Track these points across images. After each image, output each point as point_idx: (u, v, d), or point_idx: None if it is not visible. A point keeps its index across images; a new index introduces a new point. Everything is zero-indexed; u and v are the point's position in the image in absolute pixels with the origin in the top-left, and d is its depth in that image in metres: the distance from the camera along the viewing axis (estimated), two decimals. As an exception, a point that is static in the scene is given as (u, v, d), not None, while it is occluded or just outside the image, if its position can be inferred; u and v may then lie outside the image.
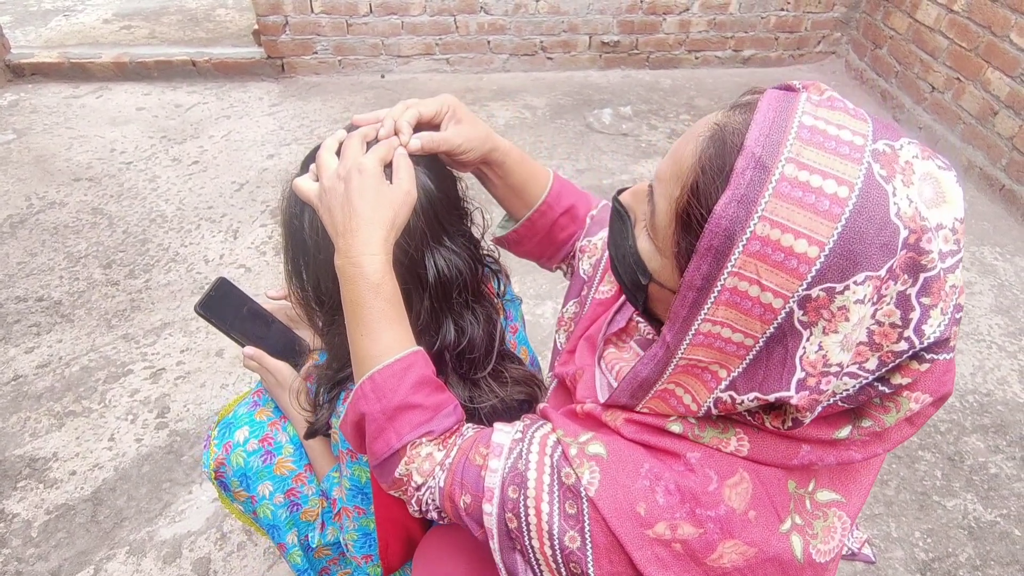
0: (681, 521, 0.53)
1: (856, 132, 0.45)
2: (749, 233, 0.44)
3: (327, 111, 3.15)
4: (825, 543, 0.54)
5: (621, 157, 2.89)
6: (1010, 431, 1.74)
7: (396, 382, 0.66)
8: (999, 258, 2.38)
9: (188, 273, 2.18)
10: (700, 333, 0.49)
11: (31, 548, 1.43)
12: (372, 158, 0.68)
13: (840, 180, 0.43)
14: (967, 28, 2.77)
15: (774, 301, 0.45)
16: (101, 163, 2.73)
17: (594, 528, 0.56)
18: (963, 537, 1.50)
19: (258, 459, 0.93)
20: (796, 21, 3.56)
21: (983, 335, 2.04)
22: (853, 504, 0.56)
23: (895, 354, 0.46)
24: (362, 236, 0.66)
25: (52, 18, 4.05)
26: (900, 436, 0.53)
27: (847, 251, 0.42)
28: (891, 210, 0.43)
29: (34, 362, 1.85)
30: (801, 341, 0.45)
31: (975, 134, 2.77)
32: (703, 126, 0.50)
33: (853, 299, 0.43)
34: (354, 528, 0.86)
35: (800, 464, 0.53)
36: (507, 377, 0.83)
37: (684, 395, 0.54)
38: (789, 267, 0.43)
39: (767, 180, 0.43)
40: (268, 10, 3.21)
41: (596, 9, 3.41)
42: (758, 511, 0.53)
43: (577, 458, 0.58)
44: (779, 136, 0.44)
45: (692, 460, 0.55)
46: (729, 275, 0.45)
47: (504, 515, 0.61)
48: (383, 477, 0.70)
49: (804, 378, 0.46)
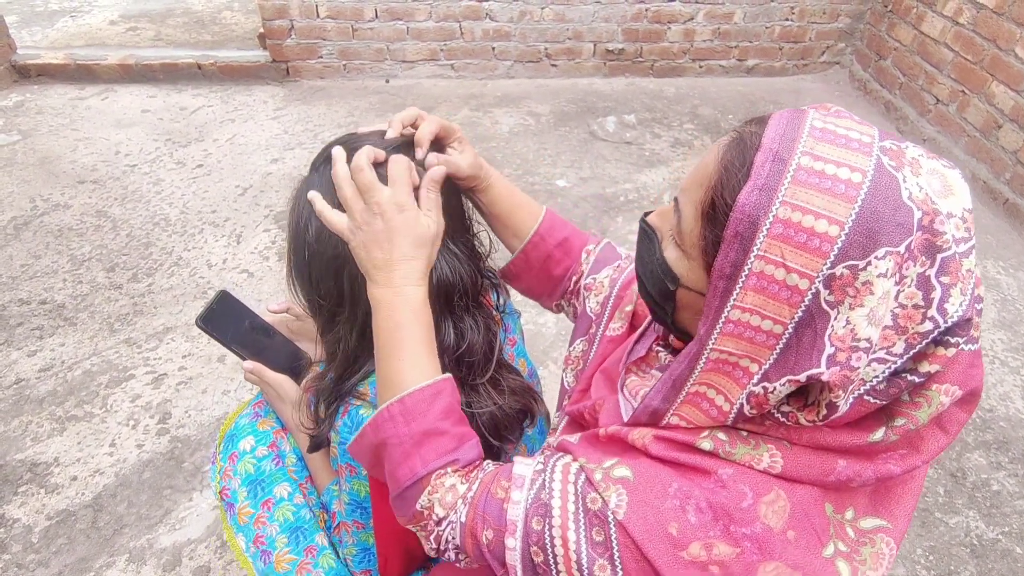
0: (716, 540, 0.51)
1: (863, 133, 0.48)
2: (772, 217, 0.46)
3: (332, 115, 3.16)
4: (874, 570, 0.53)
5: (625, 166, 2.89)
6: (1012, 448, 1.74)
7: (426, 406, 0.66)
8: (1002, 272, 2.38)
9: (191, 277, 2.18)
10: (730, 321, 0.50)
11: (31, 554, 1.43)
12: (404, 193, 0.68)
13: (853, 168, 0.46)
14: (972, 41, 2.78)
15: (800, 282, 0.46)
16: (106, 165, 2.74)
17: (623, 554, 0.54)
18: (965, 555, 1.49)
19: (270, 463, 0.93)
20: (800, 31, 3.57)
21: (986, 350, 2.04)
22: (899, 528, 0.55)
23: (921, 335, 0.47)
24: (404, 270, 0.68)
25: (58, 19, 4.06)
26: (936, 446, 0.52)
27: (866, 229, 0.45)
28: (903, 194, 0.45)
29: (36, 366, 1.86)
30: (830, 320, 0.47)
31: (979, 147, 2.77)
32: (721, 142, 0.54)
33: (876, 273, 0.45)
34: (353, 543, 0.86)
35: (837, 481, 0.52)
36: (504, 386, 0.83)
37: (716, 396, 0.54)
38: (812, 247, 0.46)
39: (785, 170, 0.47)
40: (274, 14, 3.22)
41: (601, 17, 3.42)
42: (797, 532, 0.51)
43: (603, 482, 0.57)
44: (794, 134, 0.48)
45: (724, 476, 0.53)
46: (756, 259, 0.47)
47: (529, 549, 0.59)
48: (403, 509, 0.68)
49: (834, 353, 0.47)
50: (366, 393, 0.77)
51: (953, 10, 2.87)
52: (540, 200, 2.63)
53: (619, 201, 2.66)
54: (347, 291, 0.75)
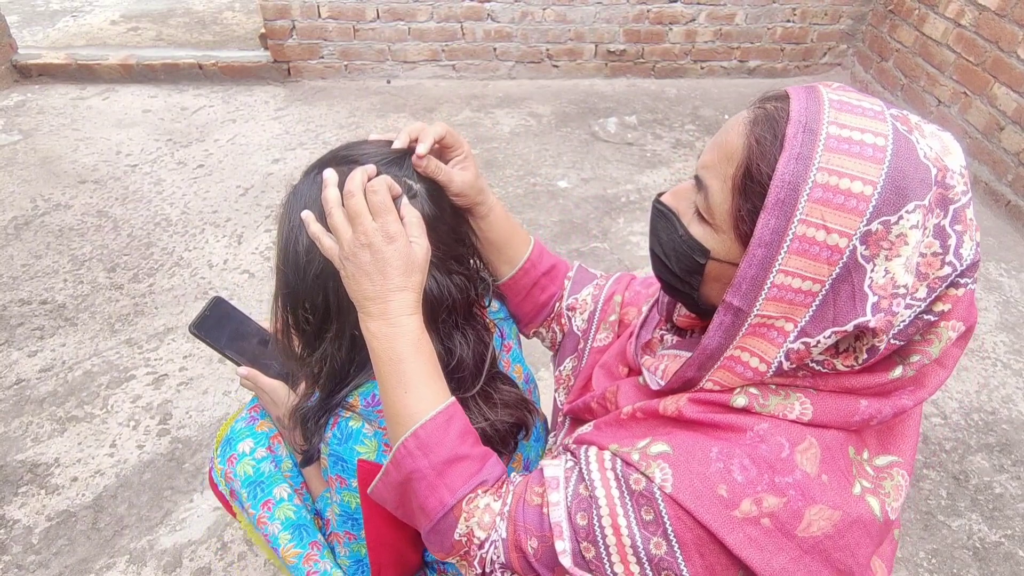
0: (764, 493, 0.54)
1: (873, 104, 0.53)
2: (811, 182, 0.50)
3: (333, 116, 3.16)
4: (896, 500, 0.58)
5: (626, 167, 2.89)
6: (1015, 450, 1.73)
7: (441, 434, 0.65)
8: (1004, 274, 2.38)
9: (192, 278, 2.18)
10: (775, 286, 0.52)
11: (32, 555, 1.43)
12: (393, 222, 0.66)
13: (876, 133, 0.50)
14: (974, 43, 2.77)
15: (840, 241, 0.50)
16: (107, 165, 2.73)
17: (677, 526, 0.55)
18: (968, 558, 1.49)
19: (269, 464, 0.92)
20: (802, 32, 3.57)
21: (988, 352, 2.04)
22: (908, 461, 0.60)
23: (941, 279, 0.51)
24: (398, 300, 0.66)
25: (59, 19, 4.06)
26: (937, 381, 0.57)
27: (895, 186, 0.49)
28: (919, 153, 0.50)
29: (37, 366, 1.85)
30: (866, 273, 0.50)
31: (981, 149, 2.77)
32: (741, 118, 0.57)
33: (908, 225, 0.49)
34: (346, 555, 0.85)
35: (860, 420, 0.56)
36: (497, 399, 0.81)
37: (751, 359, 0.56)
38: (849, 207, 0.49)
39: (816, 140, 0.50)
40: (275, 14, 3.22)
41: (602, 18, 3.41)
42: (829, 475, 0.55)
43: (642, 461, 0.58)
44: (816, 108, 0.52)
45: (761, 431, 0.56)
46: (799, 223, 0.50)
47: (579, 547, 0.59)
48: (440, 544, 0.66)
49: (878, 301, 0.50)
50: (355, 404, 0.76)
51: (955, 12, 2.87)
52: (541, 201, 2.63)
53: (620, 202, 2.66)
54: (334, 304, 0.73)
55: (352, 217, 0.66)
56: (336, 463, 0.76)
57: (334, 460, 0.76)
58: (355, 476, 0.75)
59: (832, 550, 0.54)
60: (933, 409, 1.84)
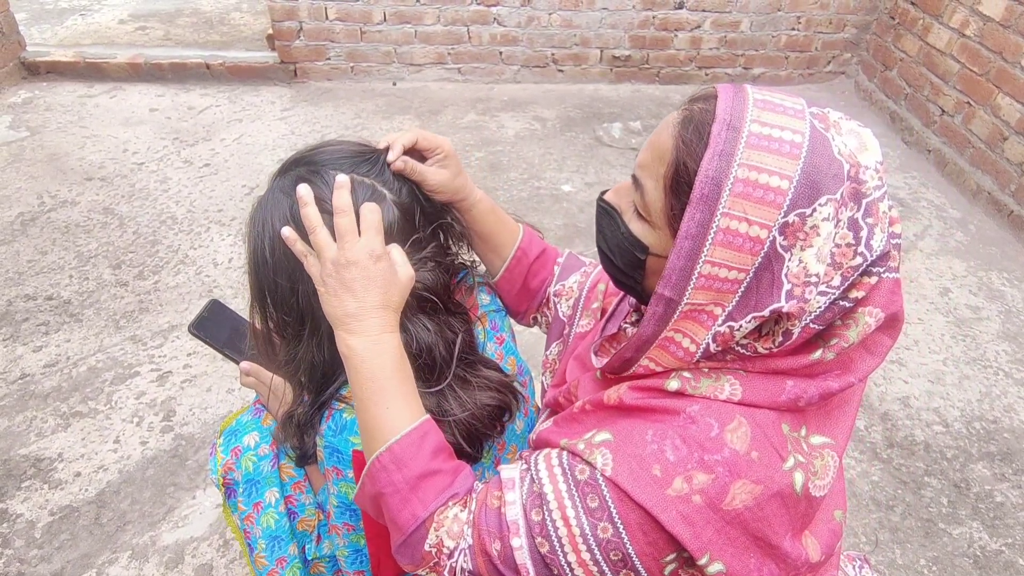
0: (693, 471, 0.57)
1: (795, 103, 0.56)
2: (732, 178, 0.53)
3: (338, 117, 3.17)
4: (822, 479, 0.61)
5: (630, 172, 2.89)
6: (1016, 459, 1.73)
7: (415, 450, 0.66)
8: (1006, 284, 2.38)
9: (197, 276, 2.19)
10: (702, 276, 0.55)
11: (34, 549, 1.43)
12: (378, 241, 0.68)
13: (794, 131, 0.53)
14: (978, 53, 2.78)
15: (760, 232, 0.53)
16: (113, 163, 2.75)
17: (620, 508, 0.58)
18: (968, 566, 1.49)
19: (268, 464, 0.93)
20: (807, 41, 3.58)
21: (990, 361, 2.04)
22: (840, 444, 0.63)
23: (853, 268, 0.54)
24: (377, 319, 0.67)
25: (68, 17, 4.08)
26: (866, 367, 0.60)
27: (809, 181, 0.52)
28: (834, 150, 0.53)
29: (42, 361, 1.86)
30: (784, 262, 0.54)
31: (984, 159, 2.77)
32: (670, 119, 0.59)
33: (820, 218, 0.53)
34: (344, 545, 0.86)
35: (787, 400, 0.59)
36: (474, 383, 0.82)
37: (683, 340, 0.60)
38: (768, 200, 0.52)
39: (739, 137, 0.53)
40: (283, 15, 3.24)
41: (608, 24, 3.43)
42: (760, 452, 0.58)
43: (586, 450, 0.61)
44: (741, 106, 0.55)
45: (692, 412, 0.59)
46: (721, 216, 0.53)
47: (534, 543, 0.61)
48: (410, 555, 0.67)
49: (791, 288, 0.54)
50: (349, 396, 0.76)
51: (959, 22, 2.88)
52: (545, 205, 2.64)
53: (624, 207, 2.67)
54: (305, 306, 0.74)
55: (341, 235, 0.67)
56: (332, 455, 0.77)
57: (330, 452, 0.77)
58: (351, 467, 0.76)
59: (751, 520, 0.57)
60: (935, 417, 1.84)
